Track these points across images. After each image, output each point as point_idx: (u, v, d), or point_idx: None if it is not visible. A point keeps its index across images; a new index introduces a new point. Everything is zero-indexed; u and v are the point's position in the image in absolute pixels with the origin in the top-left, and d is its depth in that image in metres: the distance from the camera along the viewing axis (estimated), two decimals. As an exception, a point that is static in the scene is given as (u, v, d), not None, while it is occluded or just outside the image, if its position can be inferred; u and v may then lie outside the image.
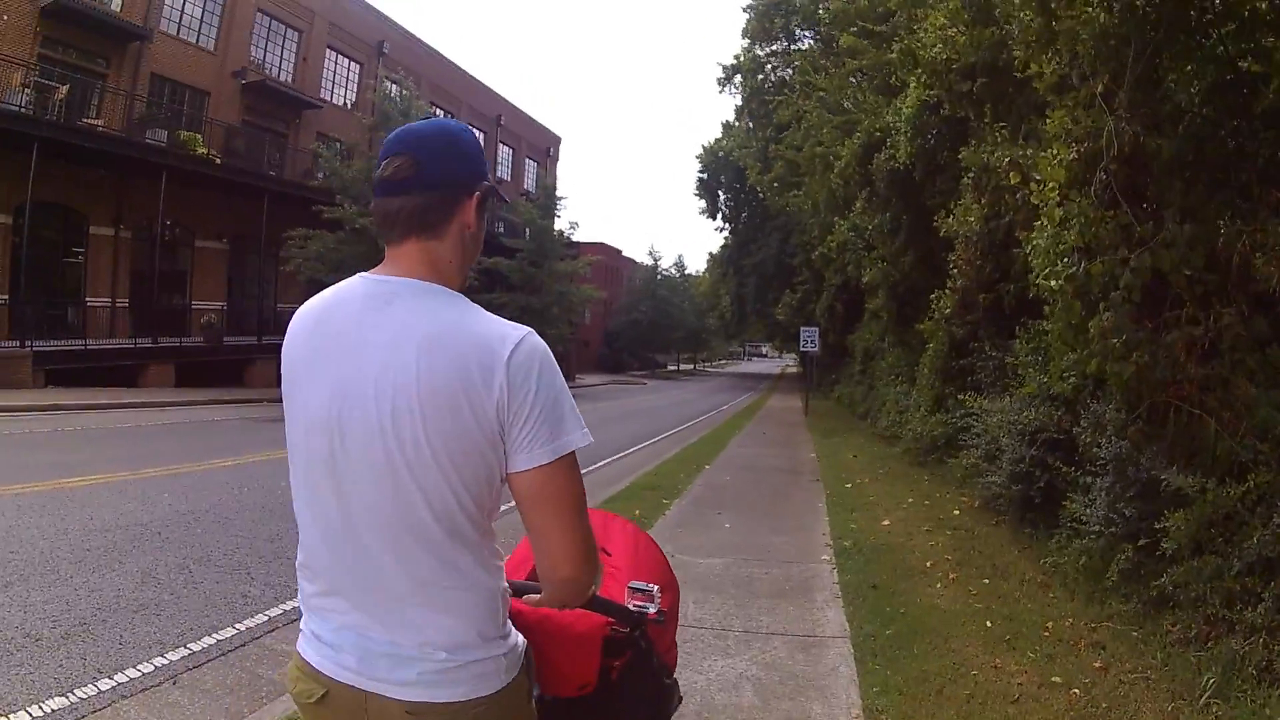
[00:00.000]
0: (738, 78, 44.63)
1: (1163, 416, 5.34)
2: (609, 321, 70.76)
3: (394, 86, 29.54)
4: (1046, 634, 4.98)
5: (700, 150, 58.85)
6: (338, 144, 30.52)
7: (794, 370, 72.38)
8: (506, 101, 50.95)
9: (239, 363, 27.58)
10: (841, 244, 20.92)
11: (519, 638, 1.65)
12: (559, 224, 47.82)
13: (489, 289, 40.80)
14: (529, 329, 1.48)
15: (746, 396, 41.39)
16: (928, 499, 9.60)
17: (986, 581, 6.10)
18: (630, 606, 1.97)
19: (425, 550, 1.46)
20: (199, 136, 26.21)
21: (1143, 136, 5.42)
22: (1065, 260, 5.67)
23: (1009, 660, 4.56)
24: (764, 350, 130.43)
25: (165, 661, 4.42)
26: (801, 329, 26.88)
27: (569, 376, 2.64)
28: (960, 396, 9.94)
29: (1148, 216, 5.52)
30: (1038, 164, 6.51)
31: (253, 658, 4.59)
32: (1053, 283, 5.71)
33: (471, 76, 47.16)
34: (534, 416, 1.43)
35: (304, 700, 1.56)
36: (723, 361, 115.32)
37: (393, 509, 1.45)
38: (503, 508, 1.53)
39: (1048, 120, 6.36)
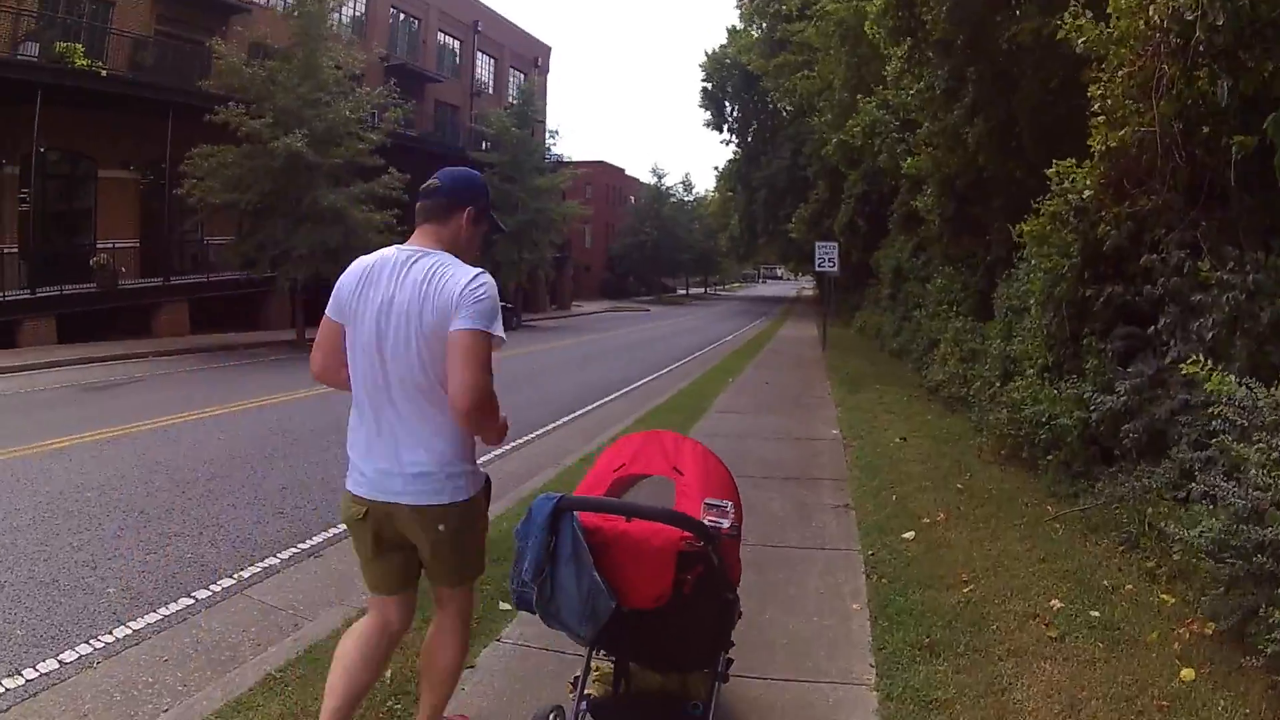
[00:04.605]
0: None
1: None
2: (611, 244, 65.69)
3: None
4: None
5: (704, 58, 53.58)
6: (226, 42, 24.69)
7: (810, 293, 67.58)
8: (484, 6, 45.20)
9: (145, 309, 23.24)
10: (869, 127, 15.47)
11: (482, 471, 2.80)
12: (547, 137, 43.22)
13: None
14: (480, 271, 2.65)
15: (756, 324, 36.66)
16: (1099, 600, 4.51)
17: None
18: (705, 521, 2.36)
19: (425, 398, 2.61)
20: (80, 47, 21.23)
21: None
22: None
23: None
24: (779, 272, 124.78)
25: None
26: (817, 245, 21.58)
27: (564, 305, 9.26)
28: (1179, 360, 4.88)
29: None
30: None
31: None
32: None
33: (444, -22, 41.35)
34: (467, 307, 2.54)
35: (353, 519, 2.75)
36: (736, 285, 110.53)
37: (411, 372, 2.61)
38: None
39: None
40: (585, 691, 2.76)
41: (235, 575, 5.22)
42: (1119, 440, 5.81)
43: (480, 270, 2.65)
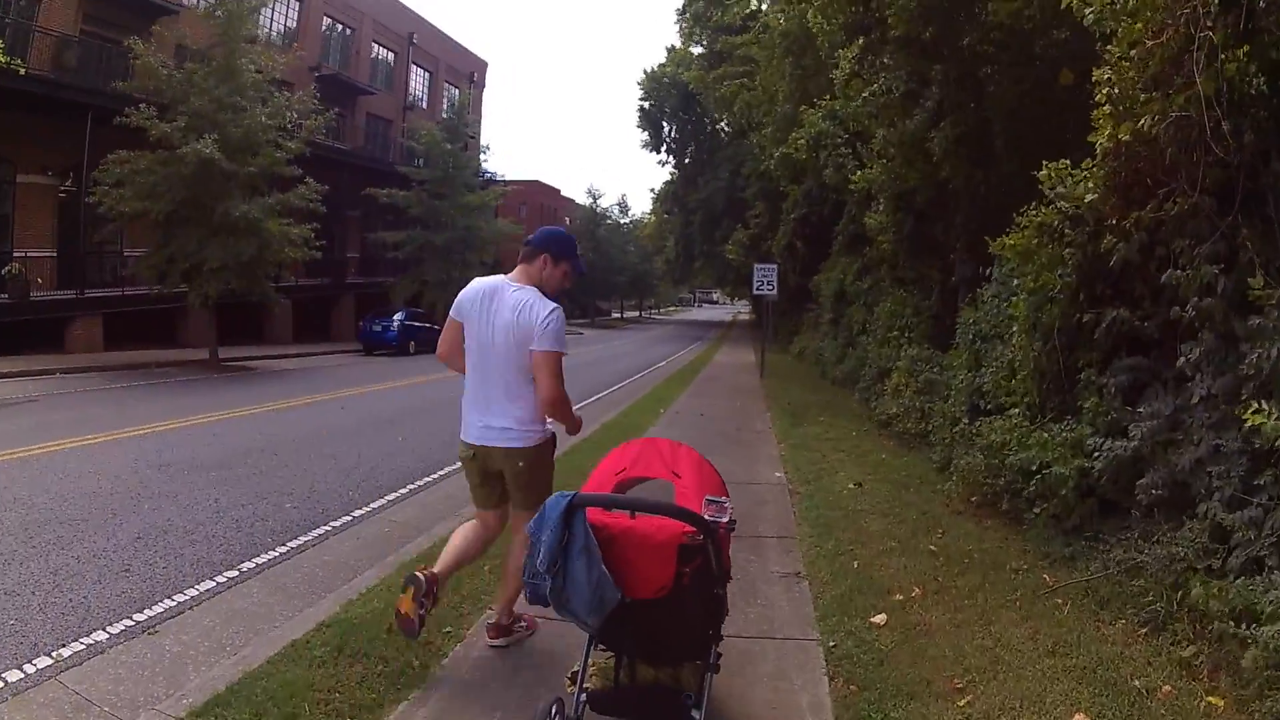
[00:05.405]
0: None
1: None
2: (545, 265, 64.46)
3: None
4: None
5: (642, 76, 52.62)
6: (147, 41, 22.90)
7: (746, 317, 67.04)
8: (419, 18, 43.72)
9: (58, 323, 21.63)
10: (814, 139, 14.51)
11: (551, 428, 3.95)
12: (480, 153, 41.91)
13: (391, 226, 34.45)
14: (555, 306, 3.72)
15: (691, 348, 35.71)
16: (1134, 710, 3.44)
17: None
18: (706, 516, 2.53)
19: (513, 381, 3.75)
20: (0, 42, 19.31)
21: None
22: None
23: None
24: (715, 296, 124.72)
25: None
26: (756, 266, 20.65)
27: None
28: (1208, 398, 3.83)
29: None
30: None
31: None
32: None
33: (377, -12, 39.91)
34: (542, 334, 3.62)
35: (466, 458, 3.96)
36: (671, 308, 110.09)
37: (505, 364, 3.74)
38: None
39: None
40: (584, 685, 2.85)
41: (54, 653, 4.15)
42: (1131, 494, 4.75)
43: (555, 305, 3.74)
